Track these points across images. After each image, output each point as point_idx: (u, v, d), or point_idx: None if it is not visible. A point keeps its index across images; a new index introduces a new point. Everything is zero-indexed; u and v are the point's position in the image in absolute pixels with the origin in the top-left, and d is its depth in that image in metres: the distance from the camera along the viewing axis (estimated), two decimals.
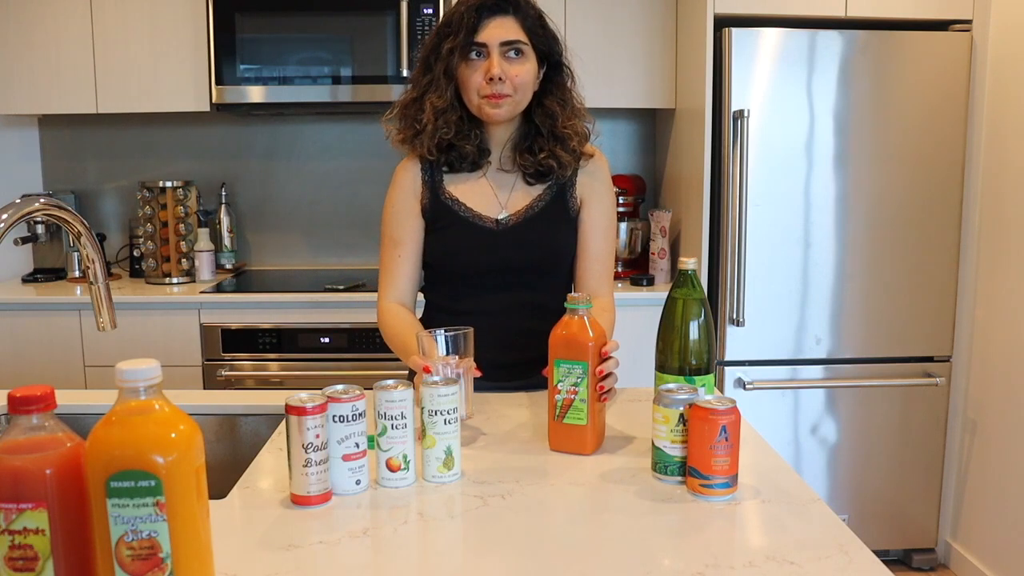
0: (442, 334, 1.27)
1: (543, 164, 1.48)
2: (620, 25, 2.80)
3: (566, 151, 1.48)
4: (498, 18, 1.42)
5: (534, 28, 1.45)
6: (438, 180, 1.52)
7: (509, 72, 1.42)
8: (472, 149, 1.48)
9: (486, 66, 1.42)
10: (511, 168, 1.53)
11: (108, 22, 2.78)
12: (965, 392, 2.65)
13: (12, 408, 0.74)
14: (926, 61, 2.52)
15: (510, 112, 1.46)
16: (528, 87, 1.45)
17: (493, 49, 1.42)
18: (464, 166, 1.50)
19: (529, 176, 1.51)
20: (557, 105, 1.48)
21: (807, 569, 0.90)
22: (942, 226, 2.60)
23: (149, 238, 2.88)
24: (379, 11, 2.70)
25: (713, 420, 1.05)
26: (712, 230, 2.63)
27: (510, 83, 1.42)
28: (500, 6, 1.42)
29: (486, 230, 1.50)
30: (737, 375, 2.61)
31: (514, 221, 1.50)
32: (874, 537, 2.69)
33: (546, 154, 1.48)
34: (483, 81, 1.42)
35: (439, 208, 1.52)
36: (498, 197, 1.52)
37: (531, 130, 1.51)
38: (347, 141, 3.19)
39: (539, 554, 0.93)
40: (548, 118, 1.48)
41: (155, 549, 0.73)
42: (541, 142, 1.49)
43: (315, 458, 1.04)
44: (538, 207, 1.51)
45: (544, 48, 1.47)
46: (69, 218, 1.21)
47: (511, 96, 1.43)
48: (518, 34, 1.43)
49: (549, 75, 1.50)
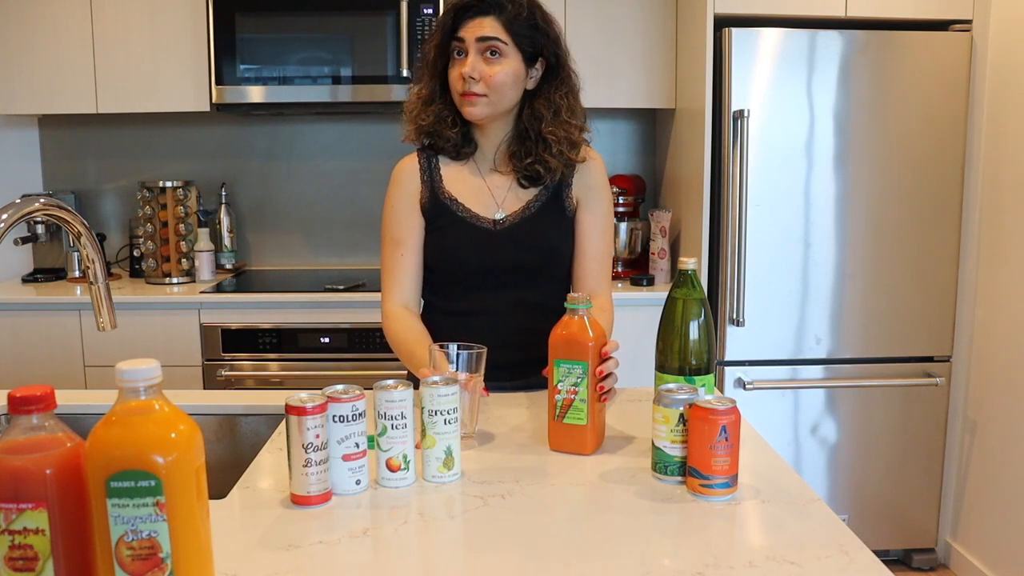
0: (454, 348, 1.26)
1: (529, 169, 1.49)
2: (620, 25, 2.80)
3: (552, 155, 1.47)
4: (478, 18, 1.43)
5: (518, 27, 1.43)
6: (437, 180, 1.53)
7: (485, 72, 1.42)
8: (453, 135, 1.50)
9: (461, 64, 1.44)
10: (506, 169, 1.53)
11: (108, 22, 2.78)
12: (965, 392, 2.65)
13: (12, 408, 0.74)
14: (926, 61, 2.52)
15: (486, 112, 1.46)
16: (506, 87, 1.44)
17: (470, 47, 1.43)
18: (448, 150, 1.52)
19: (521, 179, 1.51)
20: (545, 108, 1.47)
21: (807, 569, 0.90)
22: (942, 226, 2.60)
23: (149, 238, 2.88)
24: (379, 11, 2.70)
25: (713, 420, 1.05)
26: (712, 230, 2.63)
27: (484, 83, 1.42)
28: (479, 7, 1.43)
29: (484, 230, 1.51)
30: (737, 375, 2.61)
31: (511, 221, 1.51)
32: (874, 537, 2.69)
33: (532, 159, 1.48)
34: (458, 78, 1.44)
35: (437, 207, 1.52)
36: (495, 198, 1.52)
37: (521, 132, 1.51)
38: (347, 141, 3.19)
39: (539, 554, 0.93)
40: (535, 120, 1.48)
41: (155, 549, 0.73)
42: (529, 146, 1.49)
43: (315, 458, 1.04)
44: (534, 207, 1.52)
45: (531, 48, 1.46)
46: (69, 218, 1.21)
47: (485, 96, 1.43)
48: (496, 32, 1.42)
49: (546, 76, 1.49)
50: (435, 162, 1.54)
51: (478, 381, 1.26)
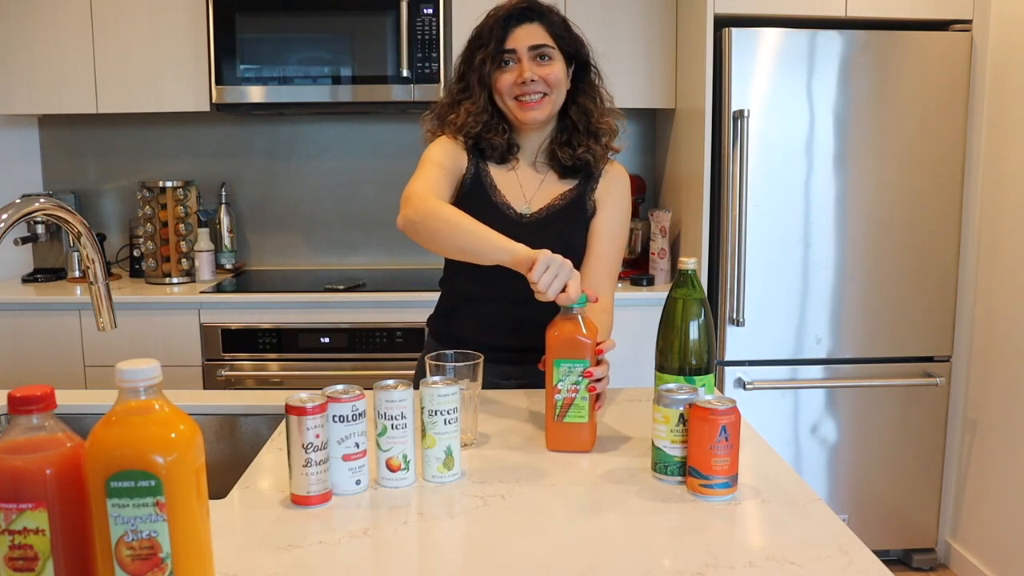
0: (451, 357, 1.26)
1: (580, 158, 1.56)
2: (620, 25, 2.80)
3: (600, 146, 1.58)
4: (525, 26, 1.52)
5: (560, 32, 1.54)
6: (480, 162, 1.58)
7: (541, 73, 1.51)
8: (501, 142, 1.56)
9: (518, 70, 1.50)
10: (543, 169, 1.60)
11: (108, 22, 2.78)
12: (965, 392, 2.65)
13: (12, 408, 0.74)
14: (926, 61, 2.52)
15: (548, 112, 1.53)
16: (562, 85, 1.54)
17: (523, 54, 1.51)
18: (494, 156, 1.58)
19: (566, 170, 1.58)
20: (591, 103, 1.58)
21: (807, 569, 0.90)
22: (942, 226, 2.60)
23: (149, 238, 2.88)
24: (379, 11, 2.70)
25: (713, 420, 1.05)
26: (712, 230, 2.63)
27: (544, 82, 1.50)
28: (525, 15, 1.52)
29: (511, 220, 1.56)
30: (737, 375, 2.60)
31: (535, 216, 1.57)
32: (874, 537, 2.69)
33: (584, 148, 1.56)
34: (515, 83, 1.50)
35: (477, 185, 1.57)
36: (525, 194, 1.59)
37: (567, 126, 1.58)
38: (347, 141, 3.19)
39: (539, 554, 0.93)
40: (584, 115, 1.57)
41: (155, 549, 0.73)
42: (578, 137, 1.57)
43: (315, 458, 1.04)
44: (558, 205, 1.58)
45: (571, 50, 1.56)
46: (69, 218, 1.21)
47: (548, 95, 1.52)
48: (545, 39, 1.52)
49: (579, 75, 1.58)
50: (478, 154, 1.59)
51: (477, 388, 1.27)
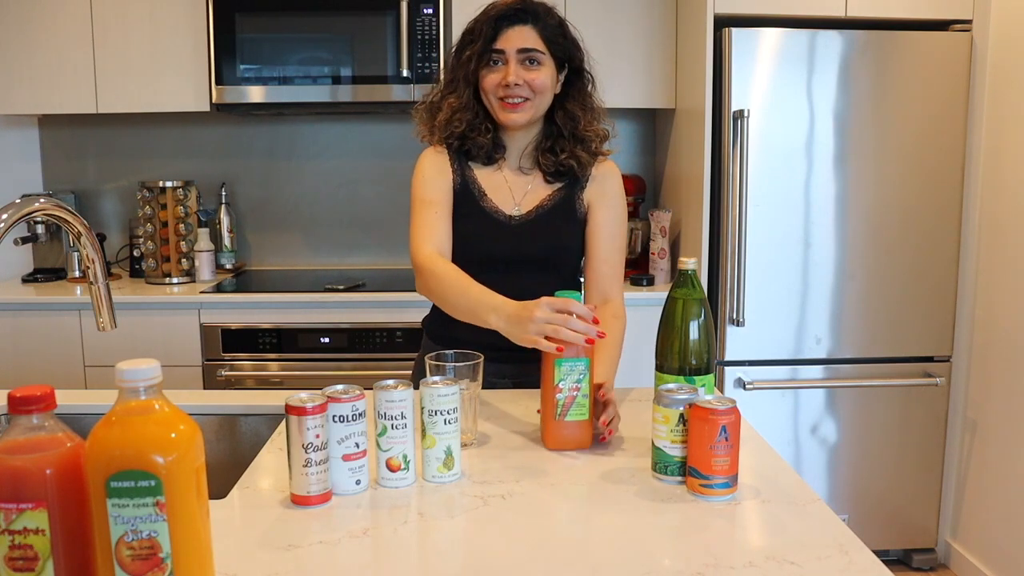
0: (451, 357, 1.26)
1: (564, 164, 1.55)
2: (620, 25, 2.80)
3: (587, 152, 1.56)
4: (517, 27, 1.49)
5: (553, 36, 1.51)
6: (467, 171, 1.58)
7: (526, 77, 1.49)
8: (486, 141, 1.55)
9: (504, 72, 1.48)
10: (529, 170, 1.59)
11: (108, 22, 2.78)
12: (965, 392, 2.65)
13: (12, 408, 0.74)
14: (926, 61, 2.52)
15: (530, 116, 1.52)
16: (547, 91, 1.52)
17: (511, 56, 1.49)
18: (480, 155, 1.56)
19: (549, 175, 1.57)
20: (579, 109, 1.56)
21: (807, 569, 0.90)
22: (942, 226, 2.60)
23: (149, 238, 2.88)
24: (379, 11, 2.70)
25: (713, 420, 1.05)
26: (712, 230, 2.63)
27: (528, 87, 1.49)
28: (519, 16, 1.50)
29: (501, 223, 1.56)
30: (737, 375, 2.60)
31: (525, 218, 1.57)
32: (874, 537, 2.69)
33: (567, 155, 1.55)
34: (500, 84, 1.49)
35: (466, 194, 1.56)
36: (514, 196, 1.58)
37: (553, 131, 1.57)
38: (347, 141, 3.19)
39: (539, 554, 0.93)
40: (570, 121, 1.56)
41: (155, 549, 0.73)
42: (563, 143, 1.56)
43: (315, 458, 1.04)
44: (547, 206, 1.57)
45: (563, 55, 1.53)
46: (69, 218, 1.21)
47: (530, 100, 1.50)
48: (535, 43, 1.49)
49: (570, 79, 1.57)
50: (463, 158, 1.59)
51: (477, 389, 1.27)
